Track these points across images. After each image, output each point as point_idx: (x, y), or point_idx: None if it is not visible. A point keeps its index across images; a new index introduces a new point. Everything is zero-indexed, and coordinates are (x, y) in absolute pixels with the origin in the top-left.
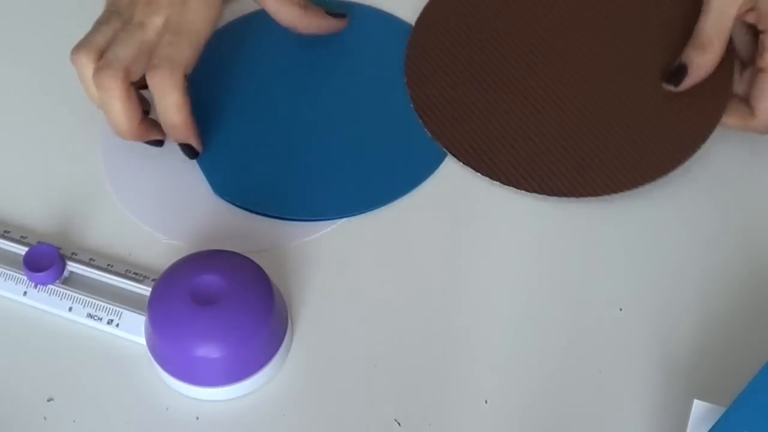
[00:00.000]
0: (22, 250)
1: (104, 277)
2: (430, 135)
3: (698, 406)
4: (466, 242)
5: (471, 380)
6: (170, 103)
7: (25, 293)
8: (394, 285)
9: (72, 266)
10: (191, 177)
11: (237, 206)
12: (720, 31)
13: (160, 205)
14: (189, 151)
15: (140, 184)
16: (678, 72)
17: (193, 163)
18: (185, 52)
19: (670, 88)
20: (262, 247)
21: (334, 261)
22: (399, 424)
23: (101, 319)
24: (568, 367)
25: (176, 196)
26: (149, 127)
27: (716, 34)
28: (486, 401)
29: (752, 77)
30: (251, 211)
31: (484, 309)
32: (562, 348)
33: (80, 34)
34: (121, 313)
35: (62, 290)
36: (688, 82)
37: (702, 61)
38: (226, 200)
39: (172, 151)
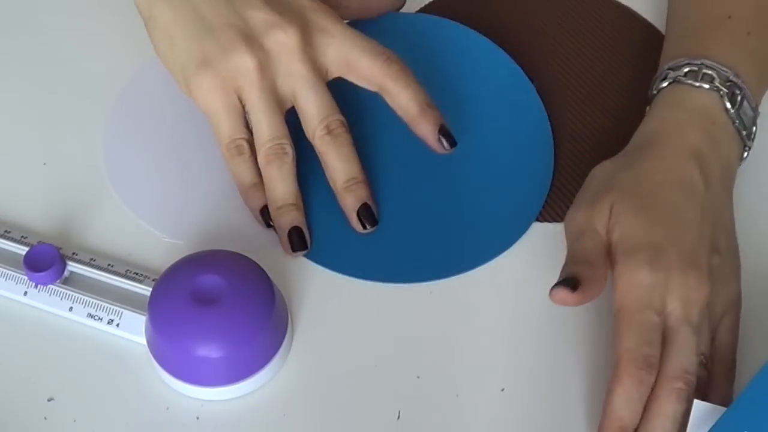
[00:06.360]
0: (23, 250)
1: (104, 277)
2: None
3: (698, 406)
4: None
5: (475, 376)
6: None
7: (25, 293)
8: (394, 284)
9: (72, 266)
10: (192, 177)
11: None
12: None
13: (161, 204)
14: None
15: (142, 182)
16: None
17: (192, 163)
18: None
19: (566, 292)
20: (263, 246)
21: None
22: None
23: (101, 319)
24: (572, 367)
25: (178, 195)
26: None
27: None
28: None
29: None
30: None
31: (485, 313)
32: (564, 347)
33: (81, 33)
34: (122, 313)
35: (62, 290)
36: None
37: (589, 273)
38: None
39: (173, 151)
